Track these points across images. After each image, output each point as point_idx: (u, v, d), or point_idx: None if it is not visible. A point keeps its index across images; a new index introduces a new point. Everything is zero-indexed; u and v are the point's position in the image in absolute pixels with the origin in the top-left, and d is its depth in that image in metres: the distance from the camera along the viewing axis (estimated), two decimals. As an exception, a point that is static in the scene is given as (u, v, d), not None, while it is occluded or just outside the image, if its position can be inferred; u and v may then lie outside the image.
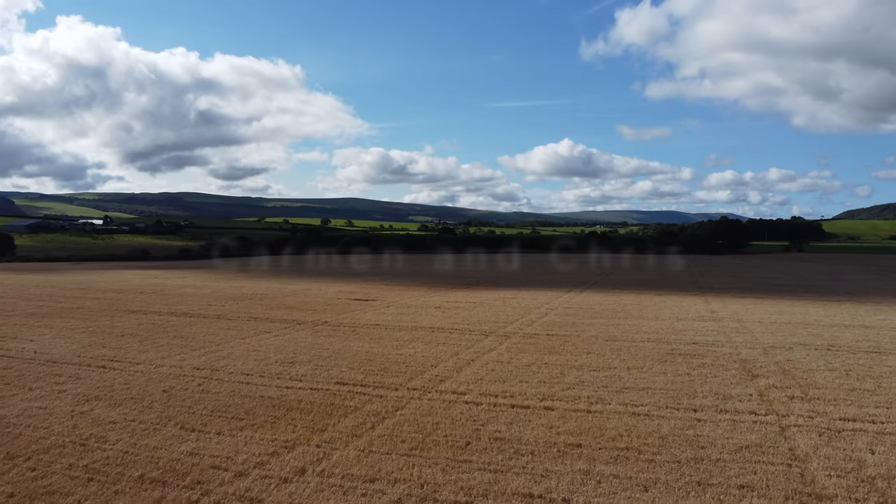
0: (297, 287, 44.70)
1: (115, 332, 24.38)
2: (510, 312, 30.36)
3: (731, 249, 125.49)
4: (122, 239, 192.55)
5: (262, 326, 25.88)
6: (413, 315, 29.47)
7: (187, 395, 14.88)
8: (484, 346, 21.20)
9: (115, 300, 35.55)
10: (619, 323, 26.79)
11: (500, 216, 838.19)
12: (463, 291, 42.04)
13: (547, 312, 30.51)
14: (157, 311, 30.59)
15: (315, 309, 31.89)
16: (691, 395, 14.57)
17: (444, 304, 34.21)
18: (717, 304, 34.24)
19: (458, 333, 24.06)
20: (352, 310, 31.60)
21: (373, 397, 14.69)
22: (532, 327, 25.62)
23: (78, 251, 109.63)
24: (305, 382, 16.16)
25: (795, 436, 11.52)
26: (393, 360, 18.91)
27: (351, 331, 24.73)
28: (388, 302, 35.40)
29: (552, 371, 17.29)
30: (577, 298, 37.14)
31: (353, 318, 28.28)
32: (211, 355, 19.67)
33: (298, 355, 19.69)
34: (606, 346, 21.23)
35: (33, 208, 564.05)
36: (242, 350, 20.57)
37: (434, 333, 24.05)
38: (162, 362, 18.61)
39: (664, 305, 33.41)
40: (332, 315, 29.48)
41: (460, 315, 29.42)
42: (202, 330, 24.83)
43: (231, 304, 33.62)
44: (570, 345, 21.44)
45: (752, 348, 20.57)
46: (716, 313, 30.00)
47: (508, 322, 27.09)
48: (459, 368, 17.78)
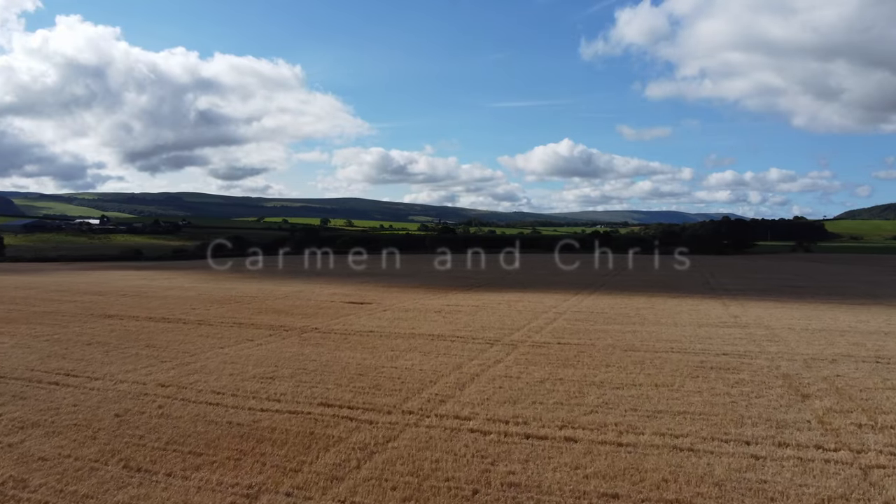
0: (289, 289, 42.45)
1: (82, 340, 22.12)
2: (516, 317, 28.10)
3: (737, 249, 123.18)
4: (118, 239, 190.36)
5: (245, 333, 23.62)
6: (411, 320, 27.22)
7: (142, 420, 12.62)
8: (489, 358, 18.95)
9: (92, 303, 33.29)
10: (635, 330, 24.53)
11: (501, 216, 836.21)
12: (464, 294, 39.79)
13: (555, 317, 28.26)
14: (135, 316, 28.32)
15: (305, 313, 29.63)
16: (738, 421, 12.30)
17: (445, 307, 31.96)
18: (735, 307, 31.98)
19: (461, 342, 21.81)
20: (345, 314, 29.35)
21: (361, 423, 12.44)
22: (541, 335, 23.36)
23: (70, 251, 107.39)
24: (284, 404, 13.91)
25: (884, 482, 9.26)
26: (387, 375, 16.66)
27: (342, 339, 22.48)
28: (384, 305, 33.15)
29: (569, 389, 15.03)
30: (586, 302, 34.88)
31: (345, 324, 26.03)
32: (182, 369, 17.42)
33: (280, 369, 17.43)
34: (626, 357, 18.97)
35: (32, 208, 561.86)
36: (218, 362, 18.31)
37: (434, 342, 21.80)
38: (124, 377, 16.35)
39: (680, 309, 31.16)
40: (324, 320, 27.23)
41: (462, 320, 27.17)
42: (178, 338, 22.56)
43: (216, 308, 31.35)
44: (586, 356, 19.18)
45: (792, 360, 18.31)
46: (738, 318, 27.74)
47: (515, 329, 24.84)
48: (462, 385, 15.53)
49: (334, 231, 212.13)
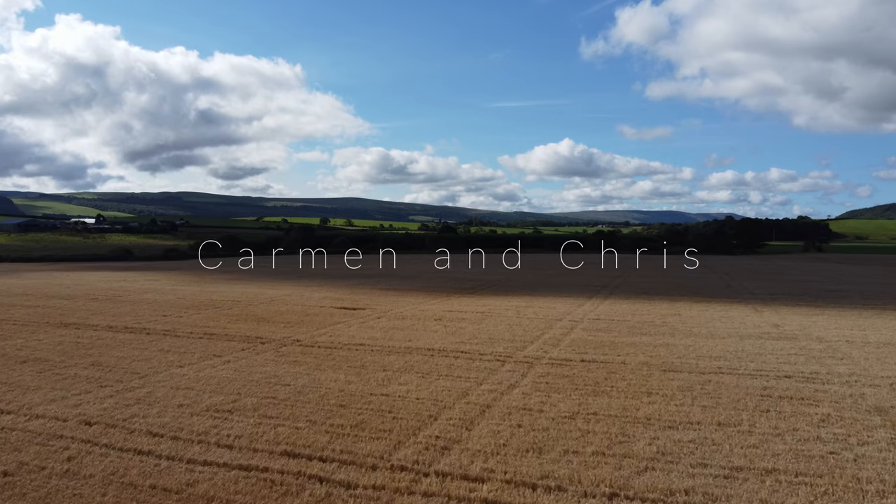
0: (276, 292, 39.06)
1: (20, 356, 18.75)
2: (527, 327, 24.71)
3: (746, 250, 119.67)
4: (113, 238, 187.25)
5: (213, 347, 20.24)
6: (407, 330, 23.84)
7: (31, 486, 9.24)
8: (501, 381, 15.58)
9: (55, 309, 29.92)
10: (668, 342, 21.14)
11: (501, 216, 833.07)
12: (467, 298, 36.40)
13: (572, 327, 24.87)
14: (95, 325, 24.95)
15: (289, 321, 26.25)
16: (857, 490, 8.91)
17: (446, 314, 28.57)
18: (771, 315, 28.59)
19: (466, 359, 18.43)
20: (334, 322, 25.97)
21: (333, 488, 9.08)
22: (559, 349, 19.98)
23: (60, 251, 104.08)
24: (236, 452, 10.55)
25: None
26: (375, 407, 13.29)
27: (326, 355, 19.09)
28: (379, 311, 29.78)
29: (609, 429, 11.66)
30: (603, 307, 31.48)
31: (332, 335, 22.65)
32: (122, 396, 14.05)
33: (243, 397, 14.06)
34: (668, 380, 15.59)
35: (32, 207, 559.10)
36: (170, 386, 14.94)
37: (434, 359, 18.42)
38: (44, 410, 12.98)
39: (711, 317, 27.77)
40: (309, 330, 23.85)
41: (466, 330, 23.78)
42: (133, 353, 19.18)
43: (190, 315, 27.98)
44: (619, 378, 15.80)
45: (874, 386, 14.91)
46: (780, 328, 24.35)
47: (528, 341, 21.45)
48: (471, 422, 12.17)
49: (332, 230, 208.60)
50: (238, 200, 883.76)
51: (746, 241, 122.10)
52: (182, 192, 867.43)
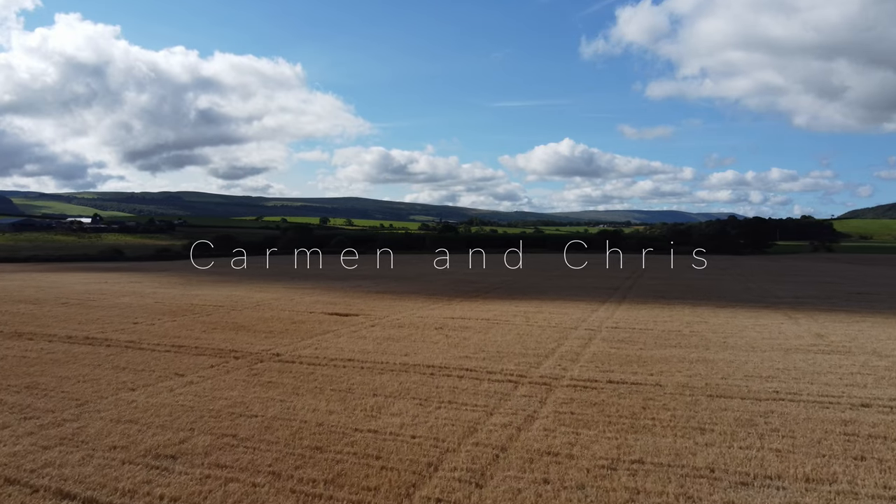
0: (264, 296, 36.24)
1: (-53, 375, 15.95)
2: (540, 337, 21.89)
3: (755, 249, 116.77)
4: (109, 238, 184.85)
5: (178, 364, 17.43)
6: (404, 341, 21.02)
7: None
8: (517, 410, 12.77)
9: (15, 315, 27.14)
10: (704, 357, 18.32)
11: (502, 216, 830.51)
12: (470, 302, 33.58)
13: (590, 336, 22.06)
14: (52, 335, 22.15)
15: (272, 329, 23.45)
16: None
17: (448, 321, 25.76)
18: (808, 322, 25.80)
19: (472, 379, 15.62)
20: (322, 331, 23.17)
21: None
22: (580, 365, 17.17)
23: (50, 251, 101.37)
24: (164, 528, 7.74)
25: None
26: (359, 450, 10.48)
27: (307, 374, 16.28)
28: (374, 317, 26.99)
29: (664, 487, 8.84)
30: (620, 313, 28.67)
31: (319, 347, 19.84)
32: (45, 433, 11.26)
33: (197, 434, 11.26)
34: (720, 410, 12.77)
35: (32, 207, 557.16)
36: (110, 419, 12.14)
37: (434, 379, 15.61)
38: (-63, 455, 10.18)
39: (741, 325, 24.97)
40: (292, 341, 21.05)
41: (471, 341, 20.97)
42: (81, 371, 16.38)
43: (162, 323, 25.18)
44: (660, 407, 12.99)
45: (979, 419, 12.09)
46: (826, 339, 21.54)
47: (542, 355, 18.64)
48: (481, 476, 9.37)
49: (330, 230, 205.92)
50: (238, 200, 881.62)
51: (754, 240, 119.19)
52: (182, 192, 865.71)
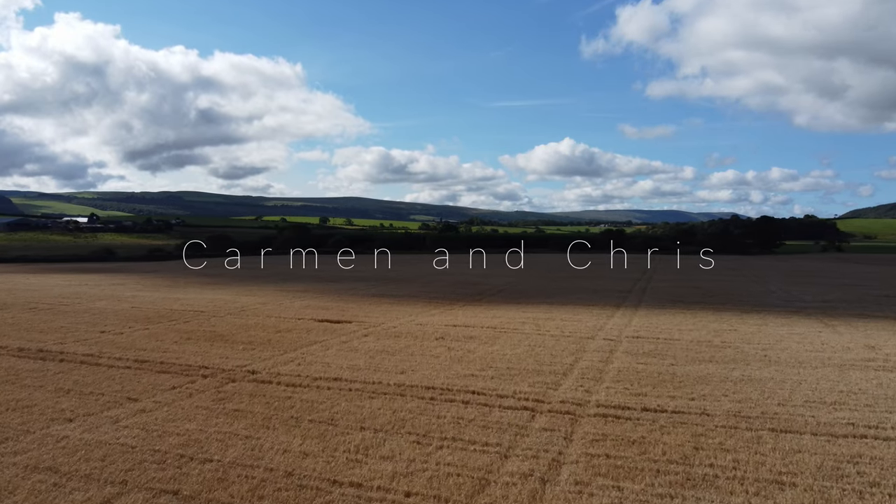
0: (251, 300, 33.70)
1: None
2: (554, 349, 19.34)
3: (763, 249, 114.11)
4: (105, 238, 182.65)
5: (135, 384, 14.90)
6: (401, 354, 18.48)
7: None
8: (537, 451, 10.23)
9: (-27, 323, 24.61)
10: (748, 375, 15.77)
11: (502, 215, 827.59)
12: (473, 308, 31.04)
13: (611, 349, 19.51)
14: (3, 347, 19.62)
15: (253, 340, 20.91)
16: None
17: (450, 330, 23.21)
18: (850, 331, 23.26)
19: (479, 405, 13.09)
20: (309, 342, 20.63)
21: None
22: (606, 386, 14.63)
23: (41, 251, 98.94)
24: None
25: None
26: (335, 517, 7.94)
27: (284, 398, 13.74)
28: (368, 325, 24.47)
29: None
30: (638, 320, 26.12)
31: (302, 362, 17.31)
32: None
33: (127, 491, 8.72)
34: (792, 451, 10.22)
35: (31, 207, 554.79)
36: (25, 464, 9.62)
37: (434, 405, 13.07)
38: None
39: (777, 335, 22.43)
40: (273, 354, 18.51)
41: (476, 355, 18.43)
42: (18, 395, 13.84)
43: (132, 332, 22.64)
44: (715, 447, 10.43)
45: None
46: (880, 351, 19.01)
47: (560, 372, 16.10)
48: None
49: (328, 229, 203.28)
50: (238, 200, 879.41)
51: (762, 240, 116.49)
52: (182, 192, 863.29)
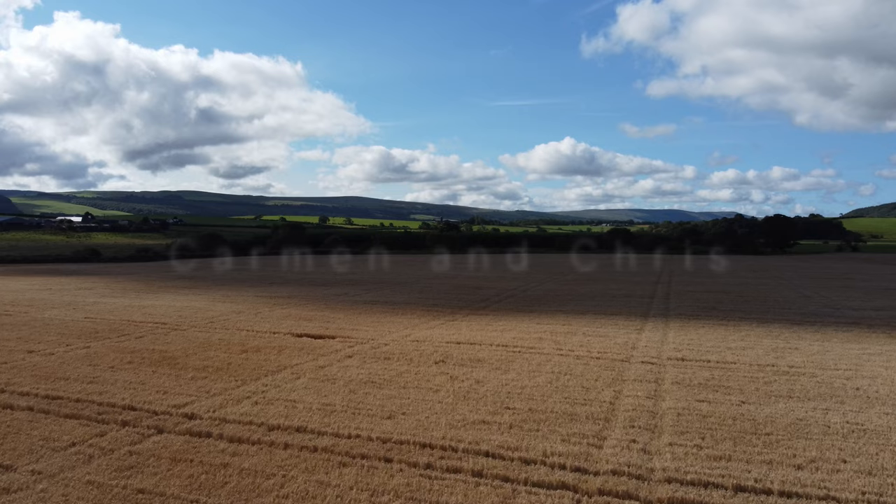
0: (225, 308, 29.64)
1: None
2: (584, 377, 15.29)
3: (776, 249, 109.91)
4: (98, 237, 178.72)
5: (21, 439, 10.88)
6: (390, 387, 14.45)
7: None
8: None
9: None
10: (857, 422, 11.74)
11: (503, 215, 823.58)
12: (479, 318, 27.00)
13: (656, 377, 15.47)
14: None
15: (208, 365, 16.86)
16: None
17: (452, 350, 19.18)
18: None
19: (496, 479, 9.09)
20: (277, 366, 16.60)
21: None
22: (667, 443, 10.61)
23: (25, 251, 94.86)
24: None
25: None
26: None
27: (220, 464, 9.71)
28: (354, 340, 20.46)
29: None
30: (674, 335, 22.06)
31: (260, 400, 13.27)
32: None
33: None
34: None
35: (31, 206, 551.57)
36: None
37: (431, 482, 9.05)
38: None
39: (849, 356, 18.41)
40: (227, 385, 14.48)
41: (487, 387, 14.39)
42: None
43: (68, 351, 18.61)
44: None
45: None
46: None
47: (600, 417, 12.06)
48: None
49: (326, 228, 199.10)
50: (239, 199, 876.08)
51: (775, 239, 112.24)
52: (183, 192, 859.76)
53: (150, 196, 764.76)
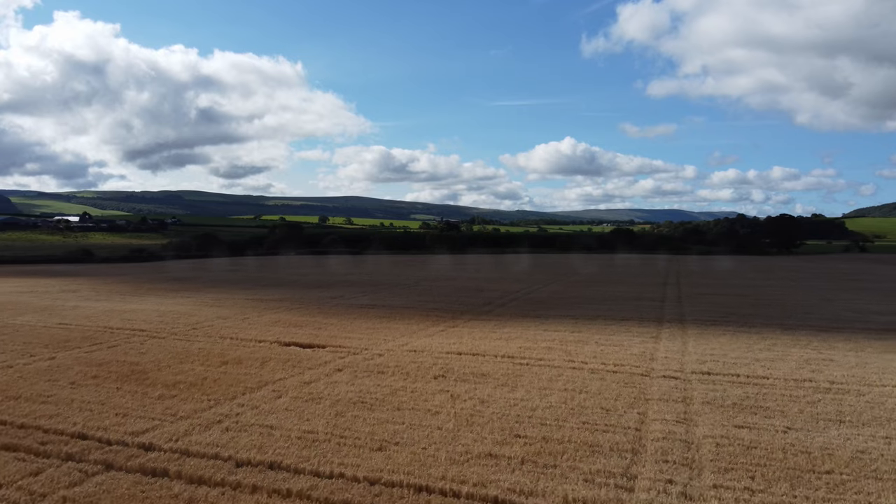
0: (211, 312, 27.90)
1: None
2: (602, 396, 13.53)
3: (783, 249, 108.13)
4: (95, 237, 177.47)
5: (-62, 480, 9.11)
6: (383, 408, 12.70)
7: None
8: None
9: None
10: (930, 459, 9.96)
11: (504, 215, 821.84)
12: (482, 324, 25.24)
13: (684, 397, 13.72)
14: None
15: (181, 380, 15.11)
16: None
17: (453, 362, 17.42)
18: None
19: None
20: (258, 382, 14.86)
21: None
22: (711, 485, 8.87)
23: (16, 251, 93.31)
24: None
25: None
26: None
27: (168, 518, 7.93)
28: (346, 350, 18.72)
29: None
30: (695, 344, 20.30)
31: (232, 426, 11.53)
32: None
33: None
34: None
35: (30, 206, 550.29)
36: None
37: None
38: None
39: (891, 368, 16.65)
40: (199, 406, 12.74)
41: (493, 409, 12.63)
42: None
43: (30, 364, 16.87)
44: None
45: None
46: None
47: (626, 448, 10.30)
48: None
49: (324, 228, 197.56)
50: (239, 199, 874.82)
51: (781, 239, 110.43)
52: (183, 191, 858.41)
53: (150, 196, 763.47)
